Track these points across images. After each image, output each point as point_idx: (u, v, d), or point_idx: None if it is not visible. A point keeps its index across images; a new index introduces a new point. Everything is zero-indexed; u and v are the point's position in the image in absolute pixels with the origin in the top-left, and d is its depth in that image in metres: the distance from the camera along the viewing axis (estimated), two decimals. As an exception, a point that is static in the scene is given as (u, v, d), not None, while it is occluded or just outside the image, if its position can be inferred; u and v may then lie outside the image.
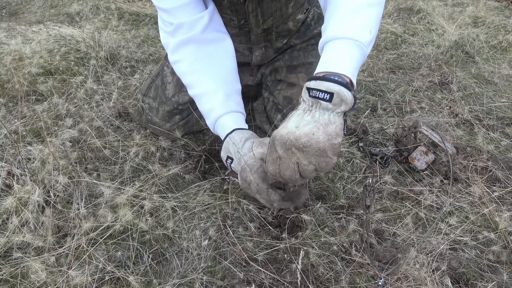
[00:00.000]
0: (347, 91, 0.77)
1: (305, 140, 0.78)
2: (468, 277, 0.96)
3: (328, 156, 0.78)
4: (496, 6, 2.64)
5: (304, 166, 0.81)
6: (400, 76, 1.84)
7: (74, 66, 1.70)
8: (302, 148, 0.78)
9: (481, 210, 1.12)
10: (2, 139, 1.29)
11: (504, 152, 1.35)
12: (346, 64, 0.81)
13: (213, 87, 1.06)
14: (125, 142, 1.32)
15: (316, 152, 0.78)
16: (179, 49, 1.05)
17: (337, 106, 0.78)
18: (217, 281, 0.93)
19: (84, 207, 1.07)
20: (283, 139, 0.80)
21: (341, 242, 1.02)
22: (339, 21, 0.85)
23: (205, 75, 1.07)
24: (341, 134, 0.79)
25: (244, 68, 1.36)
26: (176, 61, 1.07)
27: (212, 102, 1.05)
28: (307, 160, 0.79)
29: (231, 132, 1.01)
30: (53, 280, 0.90)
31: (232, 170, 1.02)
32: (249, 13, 1.11)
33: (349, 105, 0.78)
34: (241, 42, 1.24)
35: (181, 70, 1.08)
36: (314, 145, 0.77)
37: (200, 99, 1.08)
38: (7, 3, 2.62)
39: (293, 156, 0.80)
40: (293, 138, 0.79)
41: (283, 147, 0.81)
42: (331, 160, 0.80)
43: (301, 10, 1.20)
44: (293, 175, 0.83)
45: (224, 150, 1.01)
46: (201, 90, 1.07)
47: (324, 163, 0.80)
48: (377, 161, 1.29)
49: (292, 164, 0.81)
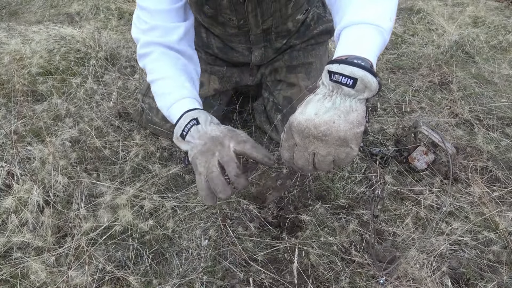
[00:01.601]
0: (372, 76, 0.72)
1: (325, 129, 0.72)
2: (468, 277, 0.96)
3: (349, 146, 0.73)
4: (496, 6, 2.64)
5: (321, 157, 0.75)
6: (400, 76, 1.84)
7: (74, 66, 1.70)
8: (322, 137, 0.73)
9: (481, 210, 1.12)
10: (2, 139, 1.29)
11: (504, 152, 1.35)
12: (368, 48, 0.77)
13: (177, 74, 1.02)
14: (125, 142, 1.32)
15: (336, 142, 0.73)
16: (150, 46, 1.02)
17: (360, 92, 0.73)
18: (217, 281, 0.93)
19: (84, 207, 1.07)
20: (301, 126, 0.75)
21: (341, 242, 1.02)
22: (357, 8, 0.81)
23: (172, 67, 1.03)
24: (363, 123, 0.74)
25: (244, 68, 1.36)
26: (145, 54, 1.03)
27: (173, 85, 1.01)
28: (326, 151, 0.74)
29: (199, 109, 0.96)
30: (53, 280, 0.90)
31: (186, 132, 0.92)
32: (248, 13, 1.10)
33: (373, 92, 0.73)
34: (240, 42, 1.24)
35: (152, 58, 1.03)
36: (334, 134, 0.72)
37: (166, 80, 1.02)
38: (7, 3, 2.62)
39: (311, 146, 0.75)
40: (312, 126, 0.73)
41: (300, 135, 0.76)
42: (351, 151, 0.74)
43: (301, 10, 1.20)
44: (306, 165, 0.78)
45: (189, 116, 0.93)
46: (162, 75, 1.02)
47: (344, 154, 0.75)
48: (377, 161, 1.29)
49: (307, 154, 0.77)
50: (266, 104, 1.37)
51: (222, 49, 1.29)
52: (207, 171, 0.87)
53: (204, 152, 0.89)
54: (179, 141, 0.94)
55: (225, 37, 1.25)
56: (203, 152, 0.89)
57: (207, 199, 0.88)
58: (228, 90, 1.37)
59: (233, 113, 1.44)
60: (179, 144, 0.95)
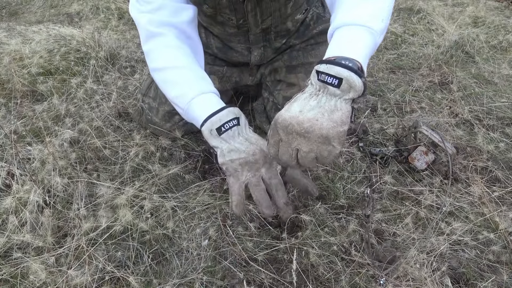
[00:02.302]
0: (357, 77, 0.73)
1: (308, 126, 0.74)
2: (468, 277, 0.96)
3: (331, 144, 0.75)
4: (496, 6, 2.64)
5: (303, 153, 0.77)
6: (400, 76, 1.84)
7: (74, 66, 1.70)
8: (304, 133, 0.74)
9: (481, 210, 1.12)
10: (2, 139, 1.29)
11: (504, 152, 1.35)
12: (358, 49, 0.78)
13: (197, 67, 1.01)
14: (125, 142, 1.32)
15: (318, 139, 0.74)
16: (162, 26, 0.98)
17: (345, 92, 0.74)
18: (217, 281, 0.93)
19: (84, 207, 1.07)
20: (285, 122, 0.76)
21: (341, 242, 1.02)
22: (349, 8, 0.82)
23: (189, 57, 1.01)
24: (347, 122, 0.75)
25: (244, 68, 1.36)
26: (157, 33, 0.98)
27: (199, 77, 0.99)
28: (308, 147, 0.76)
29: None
30: (53, 280, 0.90)
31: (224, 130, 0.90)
32: (248, 12, 1.10)
33: (358, 92, 0.74)
34: (239, 42, 1.24)
35: (165, 43, 0.98)
36: (317, 131, 0.73)
37: (185, 70, 0.99)
38: (7, 3, 2.62)
39: (294, 142, 0.77)
40: (296, 123, 0.75)
41: (284, 130, 0.77)
42: (334, 149, 0.75)
43: (300, 10, 1.20)
44: (289, 160, 0.79)
45: (232, 112, 0.92)
46: (180, 64, 0.99)
47: (326, 152, 0.76)
48: (377, 161, 1.29)
49: (290, 150, 0.78)
50: (266, 104, 1.37)
51: (221, 49, 1.29)
52: (253, 182, 0.88)
53: (250, 162, 0.89)
54: (212, 135, 0.91)
55: (224, 37, 1.25)
56: (249, 162, 0.89)
57: (238, 206, 0.90)
58: (228, 90, 1.37)
59: (233, 113, 1.44)
60: (209, 138, 0.92)
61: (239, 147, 0.90)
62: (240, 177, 0.89)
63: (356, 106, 0.78)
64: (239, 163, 0.89)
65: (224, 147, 0.91)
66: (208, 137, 0.92)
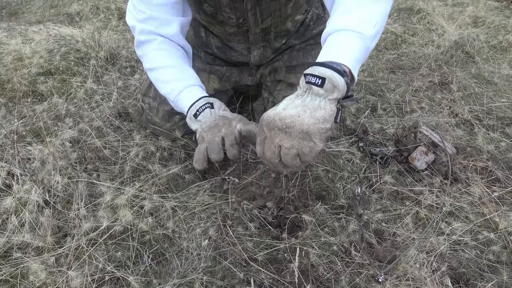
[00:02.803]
0: (340, 76, 0.75)
1: (289, 121, 0.75)
2: (468, 277, 0.96)
3: (312, 140, 0.76)
4: (496, 6, 2.64)
5: (285, 150, 0.78)
6: (400, 76, 1.84)
7: (74, 66, 1.70)
8: (285, 128, 0.76)
9: (481, 210, 1.12)
10: (2, 139, 1.29)
11: (504, 152, 1.35)
12: (346, 54, 0.80)
13: (181, 64, 1.11)
14: (125, 142, 1.32)
15: (299, 135, 0.75)
16: (150, 34, 1.08)
17: (329, 92, 0.76)
18: (217, 281, 0.93)
19: (84, 207, 1.07)
20: (269, 119, 0.79)
21: (341, 242, 1.02)
22: (342, 14, 0.84)
23: (174, 57, 1.11)
24: (330, 121, 0.76)
25: (243, 68, 1.36)
26: (145, 41, 1.10)
27: (185, 73, 1.10)
28: (290, 143, 0.77)
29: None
30: (53, 280, 0.90)
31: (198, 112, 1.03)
32: (248, 11, 1.10)
33: (341, 92, 0.76)
34: (239, 42, 1.24)
35: (154, 47, 1.09)
36: (297, 127, 0.75)
37: (173, 69, 1.10)
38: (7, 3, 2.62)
39: (276, 138, 0.78)
40: (278, 118, 0.77)
41: (267, 126, 0.80)
42: (315, 146, 0.76)
43: (300, 11, 1.20)
44: (272, 157, 0.81)
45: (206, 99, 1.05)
46: (166, 64, 1.10)
47: (308, 149, 0.77)
48: (377, 161, 1.28)
49: (273, 146, 0.79)
50: (266, 104, 1.37)
51: (221, 48, 1.29)
52: (210, 141, 0.98)
53: (212, 127, 1.00)
54: (192, 121, 1.05)
55: (224, 37, 1.25)
56: (211, 127, 1.00)
57: (198, 162, 1.00)
58: (228, 90, 1.37)
59: (233, 113, 1.44)
60: (191, 124, 1.06)
61: (207, 121, 1.02)
62: (205, 139, 0.99)
63: (343, 109, 0.79)
64: (204, 130, 1.00)
65: (199, 126, 1.03)
66: (190, 124, 1.05)
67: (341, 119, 0.78)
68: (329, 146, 1.34)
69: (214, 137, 0.98)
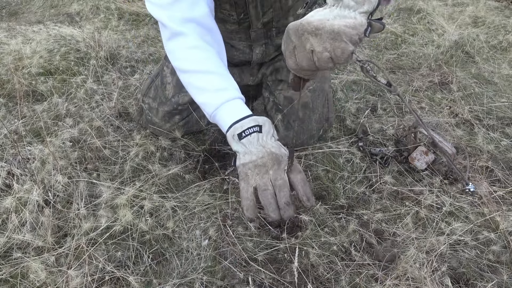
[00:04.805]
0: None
1: (318, 23, 0.73)
2: (468, 277, 0.96)
3: (343, 40, 0.73)
4: (496, 6, 2.64)
5: (318, 54, 0.76)
6: (400, 76, 1.84)
7: (74, 66, 1.70)
8: (315, 31, 0.74)
9: (481, 210, 1.12)
10: (2, 139, 1.29)
11: (504, 152, 1.35)
12: None
13: (222, 69, 1.01)
14: (125, 142, 1.32)
15: (330, 35, 0.73)
16: (185, 24, 0.97)
17: (360, 4, 0.73)
18: (217, 281, 0.93)
19: (84, 207, 1.07)
20: (296, 25, 0.77)
21: (341, 242, 1.02)
22: None
23: (214, 60, 1.01)
24: (360, 30, 0.74)
25: (245, 68, 1.36)
26: (180, 33, 0.97)
27: (226, 82, 0.99)
28: (322, 46, 0.75)
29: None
30: (53, 280, 0.90)
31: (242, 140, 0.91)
32: (249, 3, 1.10)
33: (373, 4, 0.73)
34: (241, 39, 1.24)
35: (188, 44, 0.98)
36: (328, 27, 0.73)
37: (211, 76, 1.00)
38: (7, 3, 2.62)
39: (307, 43, 0.76)
40: (306, 23, 0.75)
41: (295, 34, 0.77)
42: (347, 46, 0.74)
43: (301, 3, 1.19)
44: (310, 64, 0.79)
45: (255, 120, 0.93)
46: (205, 68, 1.00)
47: (340, 50, 0.75)
48: (377, 161, 1.29)
49: (306, 53, 0.77)
50: (266, 104, 1.37)
51: (223, 48, 1.29)
52: (261, 186, 0.87)
53: (259, 165, 0.89)
54: (234, 140, 0.93)
55: (225, 35, 1.24)
56: (258, 165, 0.89)
57: (249, 211, 0.89)
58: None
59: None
60: (232, 143, 0.94)
61: (253, 151, 0.91)
62: (250, 181, 0.89)
63: (371, 28, 0.76)
64: (249, 167, 0.89)
65: (241, 151, 0.92)
66: (231, 142, 0.94)
67: (369, 33, 0.76)
68: (329, 146, 1.34)
69: (266, 184, 0.87)
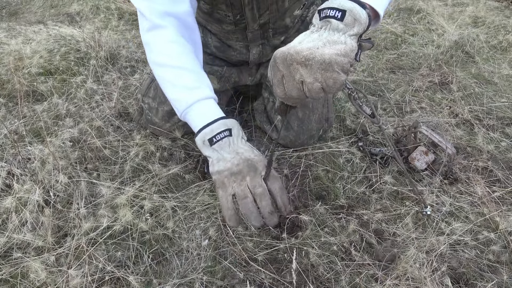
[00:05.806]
0: (361, 8, 0.69)
1: (307, 53, 0.69)
2: (468, 277, 0.96)
3: (335, 70, 0.70)
4: (496, 6, 2.64)
5: (309, 85, 0.72)
6: (400, 76, 1.84)
7: (74, 66, 1.70)
8: (305, 62, 0.70)
9: (481, 210, 1.12)
10: (2, 139, 1.29)
11: (504, 152, 1.35)
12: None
13: (196, 67, 1.00)
14: (125, 142, 1.32)
15: (320, 66, 0.69)
16: (164, 17, 0.96)
17: (350, 27, 0.70)
18: (217, 281, 0.93)
19: (84, 207, 1.07)
20: (283, 54, 0.72)
21: (341, 242, 1.02)
22: None
23: (190, 56, 0.99)
24: (351, 56, 0.70)
25: (243, 68, 1.36)
26: (158, 25, 0.96)
27: (200, 81, 0.98)
28: (312, 77, 0.71)
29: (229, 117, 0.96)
30: (53, 280, 0.90)
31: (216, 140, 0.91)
32: (245, 5, 1.09)
33: (363, 26, 0.70)
34: (237, 40, 1.23)
35: (166, 38, 0.96)
36: (318, 57, 0.69)
37: (186, 72, 0.98)
38: (7, 3, 2.62)
39: (296, 73, 0.72)
40: (294, 52, 0.71)
41: (284, 63, 0.73)
42: (339, 76, 0.70)
43: (298, 5, 1.19)
44: (300, 94, 0.75)
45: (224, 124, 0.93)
46: (179, 63, 0.98)
47: (332, 81, 0.71)
48: (377, 161, 1.29)
49: (296, 83, 0.74)
50: (266, 104, 1.37)
51: (220, 48, 1.29)
52: (240, 194, 0.87)
53: (235, 173, 0.88)
54: (204, 145, 0.93)
55: (222, 35, 1.24)
56: (234, 173, 0.89)
57: (231, 220, 0.90)
58: (228, 90, 1.37)
59: (233, 113, 1.44)
60: (202, 148, 0.94)
61: (226, 157, 0.90)
62: (228, 189, 0.88)
63: (361, 49, 0.72)
64: (225, 175, 0.89)
65: (215, 157, 0.92)
66: (201, 147, 0.94)
67: (359, 57, 0.72)
68: (329, 146, 1.34)
69: (244, 192, 0.86)
